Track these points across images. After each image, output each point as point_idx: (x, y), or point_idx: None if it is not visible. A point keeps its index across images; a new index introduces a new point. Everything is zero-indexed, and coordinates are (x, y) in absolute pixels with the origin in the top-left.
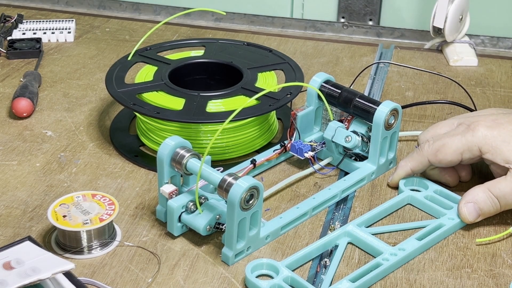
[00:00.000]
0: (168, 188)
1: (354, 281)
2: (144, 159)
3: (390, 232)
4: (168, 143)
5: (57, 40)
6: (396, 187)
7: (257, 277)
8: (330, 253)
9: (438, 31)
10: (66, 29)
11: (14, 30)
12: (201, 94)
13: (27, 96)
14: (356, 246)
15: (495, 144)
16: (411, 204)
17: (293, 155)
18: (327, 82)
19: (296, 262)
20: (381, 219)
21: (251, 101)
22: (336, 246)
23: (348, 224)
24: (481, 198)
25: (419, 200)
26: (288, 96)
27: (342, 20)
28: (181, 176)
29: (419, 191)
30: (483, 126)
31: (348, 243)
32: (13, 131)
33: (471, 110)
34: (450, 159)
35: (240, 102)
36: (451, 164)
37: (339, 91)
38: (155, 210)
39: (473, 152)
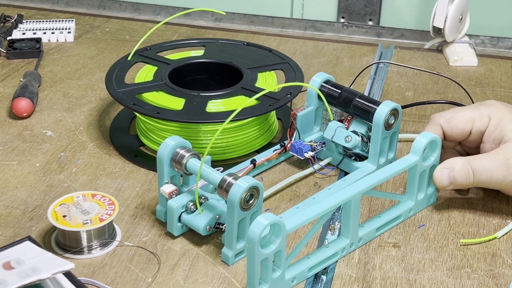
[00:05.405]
0: (168, 188)
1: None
2: (144, 159)
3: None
4: (168, 143)
5: (57, 40)
6: None
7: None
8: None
9: (438, 31)
10: (66, 29)
11: (14, 30)
12: (201, 94)
13: (27, 96)
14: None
15: (504, 119)
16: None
17: (293, 155)
18: (327, 82)
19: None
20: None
21: (251, 101)
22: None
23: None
24: (458, 167)
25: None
26: (288, 96)
27: (342, 20)
28: (181, 176)
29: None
30: (496, 102)
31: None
32: (13, 131)
33: None
34: (463, 127)
35: (240, 102)
36: (462, 134)
37: (339, 91)
38: (155, 210)
39: (483, 121)
